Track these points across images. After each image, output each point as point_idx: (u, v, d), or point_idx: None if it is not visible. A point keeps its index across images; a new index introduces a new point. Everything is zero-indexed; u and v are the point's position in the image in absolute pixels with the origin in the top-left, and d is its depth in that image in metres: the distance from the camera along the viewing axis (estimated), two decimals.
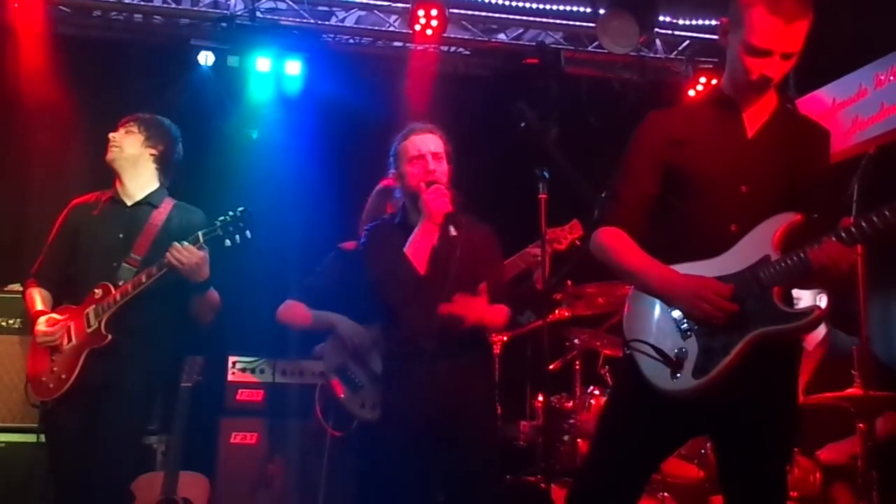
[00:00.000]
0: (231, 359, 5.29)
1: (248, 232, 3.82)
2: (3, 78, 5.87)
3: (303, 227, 6.02)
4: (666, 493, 4.54)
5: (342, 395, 4.28)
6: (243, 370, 5.27)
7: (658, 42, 6.96)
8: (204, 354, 4.70)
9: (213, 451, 5.08)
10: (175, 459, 4.51)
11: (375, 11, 6.63)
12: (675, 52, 6.96)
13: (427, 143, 3.84)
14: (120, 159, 4.09)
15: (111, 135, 4.11)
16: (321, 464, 4.47)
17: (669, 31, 6.87)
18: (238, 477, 5.05)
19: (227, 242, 3.83)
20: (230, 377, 5.26)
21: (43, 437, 4.01)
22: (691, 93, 6.76)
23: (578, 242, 4.36)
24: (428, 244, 3.71)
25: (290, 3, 6.44)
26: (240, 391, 5.23)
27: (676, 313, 2.77)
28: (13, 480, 4.81)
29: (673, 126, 2.97)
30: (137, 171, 4.10)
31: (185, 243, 3.81)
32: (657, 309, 2.81)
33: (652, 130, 2.98)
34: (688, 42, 6.91)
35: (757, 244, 2.75)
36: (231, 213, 3.84)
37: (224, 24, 6.20)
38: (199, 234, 3.84)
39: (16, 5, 5.91)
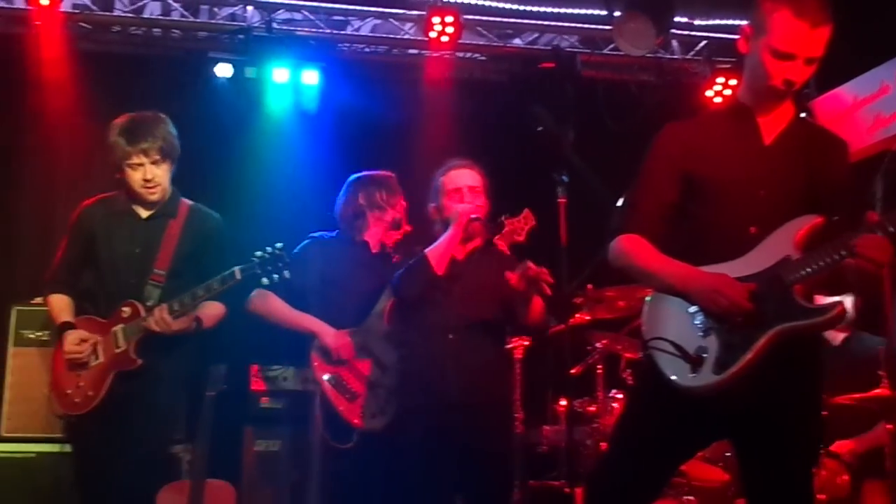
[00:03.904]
0: (254, 367, 5.32)
1: (286, 272, 3.82)
2: (26, 95, 5.94)
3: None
4: (691, 497, 4.53)
5: (341, 407, 4.28)
6: (266, 378, 5.30)
7: (674, 43, 6.95)
8: (227, 363, 4.73)
9: (238, 459, 5.11)
10: (200, 468, 4.52)
11: (391, 20, 6.66)
12: (692, 53, 6.95)
13: (464, 177, 4.10)
14: (163, 197, 4.02)
15: (151, 176, 3.92)
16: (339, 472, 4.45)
17: (686, 32, 6.86)
18: (263, 484, 5.08)
19: (265, 281, 3.83)
20: (253, 385, 5.29)
21: (69, 447, 4.06)
22: (709, 93, 6.75)
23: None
24: (450, 247, 3.86)
25: (306, 13, 6.48)
26: (263, 399, 5.26)
27: (696, 311, 2.78)
28: (42, 490, 4.86)
29: (689, 135, 3.00)
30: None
31: (166, 313, 3.78)
32: (676, 308, 2.82)
33: (669, 140, 3.01)
34: (705, 42, 6.90)
35: (778, 245, 2.77)
36: (269, 249, 3.81)
37: (241, 36, 6.25)
38: (236, 269, 3.80)
39: (38, 23, 5.98)
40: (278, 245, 3.84)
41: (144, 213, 4.05)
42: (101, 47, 6.37)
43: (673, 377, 2.75)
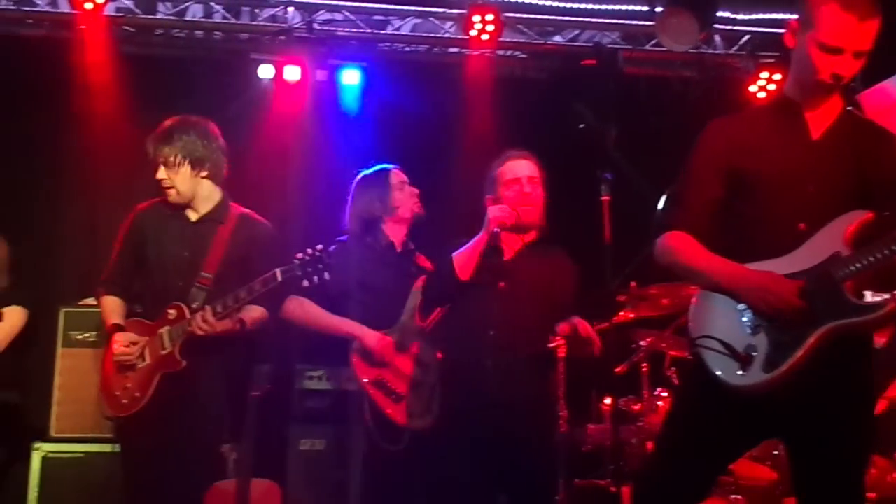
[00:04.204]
0: (298, 367, 5.34)
1: (326, 273, 3.83)
2: (71, 98, 6.02)
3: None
4: (738, 496, 4.49)
5: (388, 409, 4.27)
6: (310, 378, 5.32)
7: (717, 38, 6.87)
8: (271, 363, 4.75)
9: (283, 458, 5.13)
10: (247, 468, 4.56)
11: (431, 19, 6.66)
12: (735, 48, 6.87)
13: (522, 168, 4.07)
14: (181, 199, 4.06)
15: (159, 177, 4.02)
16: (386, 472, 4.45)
17: (729, 27, 6.79)
18: (308, 483, 5.09)
19: (305, 283, 3.84)
20: (298, 385, 5.31)
21: (118, 447, 4.10)
22: (752, 88, 6.67)
23: None
24: (475, 252, 3.84)
25: (347, 13, 6.51)
26: (307, 399, 5.28)
27: (744, 309, 2.75)
28: (91, 489, 4.94)
29: (735, 131, 2.97)
30: (197, 195, 4.09)
31: (210, 314, 3.82)
32: (724, 306, 2.79)
33: (714, 136, 2.98)
34: (748, 37, 6.81)
35: (827, 241, 2.73)
36: (310, 251, 3.83)
37: (282, 38, 6.29)
38: (277, 271, 3.82)
39: (82, 27, 6.05)
40: (318, 247, 3.85)
41: (194, 217, 4.10)
42: (143, 50, 6.43)
43: (721, 376, 2.72)
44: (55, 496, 5.00)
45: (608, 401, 4.92)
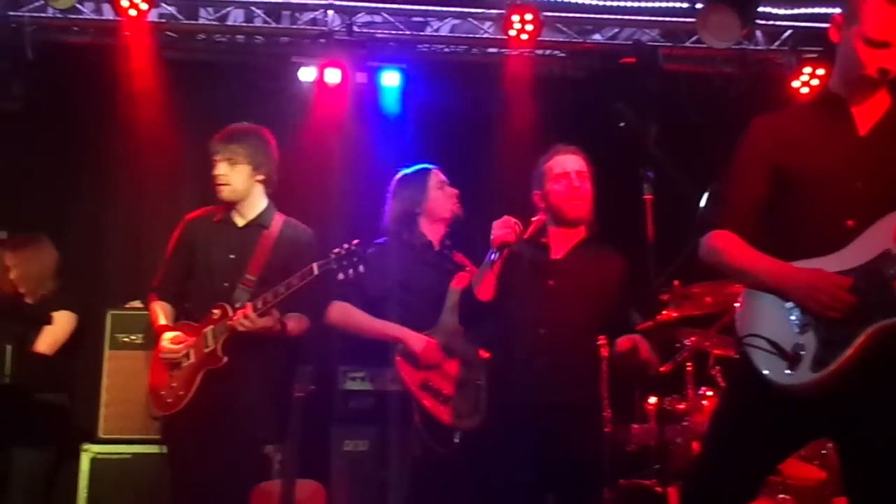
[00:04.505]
0: (341, 368, 5.36)
1: (361, 266, 3.92)
2: (116, 103, 6.09)
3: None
4: (786, 496, 4.44)
5: (436, 410, 4.26)
6: (353, 378, 5.33)
7: (758, 33, 6.79)
8: (314, 364, 4.79)
9: (327, 459, 5.16)
10: (291, 468, 4.60)
11: (470, 19, 6.65)
12: (776, 43, 6.78)
13: (570, 162, 4.03)
14: (233, 197, 4.19)
15: (217, 172, 4.17)
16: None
17: (770, 22, 6.71)
18: (351, 484, 5.11)
19: (341, 276, 3.93)
20: (340, 386, 5.33)
21: (165, 448, 4.16)
22: (795, 84, 6.57)
23: None
24: (490, 274, 3.83)
25: (386, 15, 6.52)
26: (350, 399, 5.29)
27: (792, 307, 2.72)
28: (138, 490, 5.00)
29: (780, 128, 2.94)
30: (248, 200, 4.22)
31: (250, 310, 3.92)
32: (772, 304, 2.77)
33: (759, 133, 2.96)
34: (790, 32, 6.73)
35: (876, 239, 2.70)
36: (346, 246, 3.94)
37: (322, 41, 6.32)
38: (314, 266, 3.94)
39: (127, 33, 6.13)
40: (354, 241, 3.95)
41: (241, 223, 4.25)
42: (185, 55, 6.48)
43: (769, 375, 2.70)
44: (104, 497, 5.08)
45: (653, 400, 4.89)
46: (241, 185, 4.19)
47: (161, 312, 4.23)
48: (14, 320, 4.85)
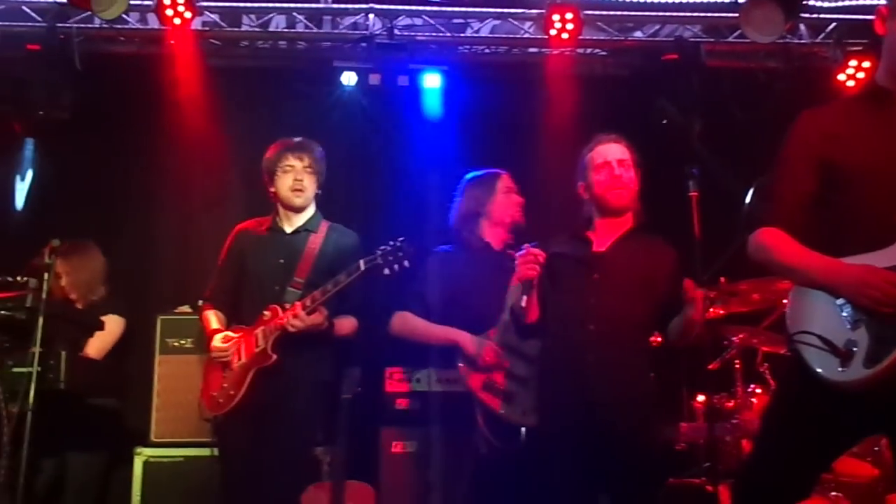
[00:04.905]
0: (387, 369, 5.39)
1: (406, 262, 3.97)
2: (163, 111, 6.18)
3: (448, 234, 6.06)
4: (838, 493, 4.39)
5: (500, 410, 4.24)
6: (400, 380, 5.36)
7: (802, 27, 6.72)
8: (360, 366, 4.82)
9: (376, 460, 5.19)
10: (340, 470, 4.63)
11: (510, 20, 6.65)
12: (821, 36, 6.70)
13: (612, 151, 3.95)
14: (305, 203, 4.36)
15: (299, 178, 4.30)
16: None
17: (814, 15, 6.63)
18: (400, 485, 5.13)
19: (386, 272, 3.98)
20: (388, 387, 5.36)
21: (216, 451, 4.22)
22: (841, 77, 6.50)
23: None
24: (530, 300, 3.77)
25: (427, 18, 6.55)
26: (398, 401, 5.31)
27: (844, 304, 2.69)
28: (191, 492, 5.07)
29: (827, 122, 2.90)
30: (307, 205, 4.34)
31: (300, 309, 4.01)
32: (823, 301, 2.74)
33: (805, 128, 2.92)
34: (834, 24, 6.64)
35: None
36: (392, 242, 4.00)
37: (364, 44, 6.35)
38: (360, 262, 4.01)
39: (172, 42, 6.22)
40: (400, 238, 4.00)
41: (289, 229, 4.36)
42: (228, 62, 6.56)
43: (821, 372, 2.67)
44: (156, 499, 5.15)
45: (701, 398, 4.86)
46: (311, 193, 4.36)
47: (214, 318, 4.33)
48: (67, 326, 4.92)
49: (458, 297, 4.50)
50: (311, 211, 4.41)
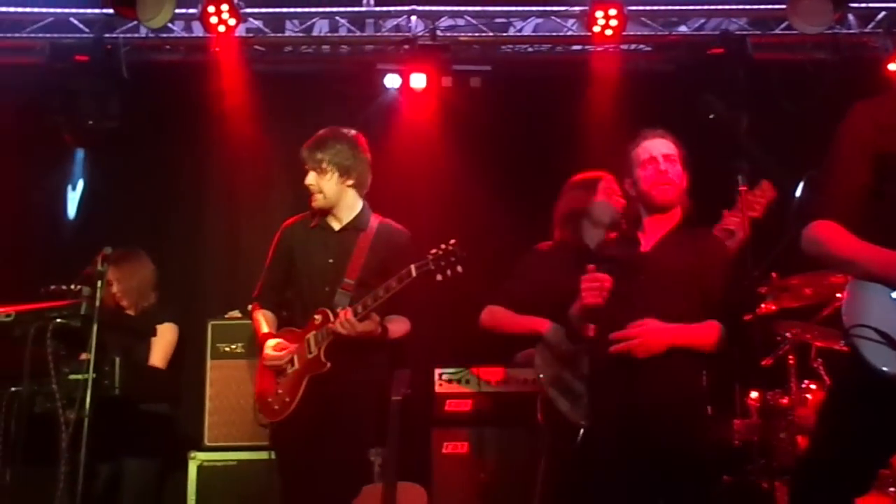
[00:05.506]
0: (437, 370, 5.40)
1: (459, 267, 3.88)
2: (209, 117, 6.25)
3: (496, 235, 6.05)
4: None
5: (563, 408, 4.23)
6: (449, 381, 5.36)
7: (850, 17, 6.61)
8: (410, 367, 4.82)
9: (427, 461, 5.20)
10: (392, 471, 4.64)
11: (553, 17, 6.63)
12: (870, 26, 6.59)
13: (658, 146, 3.86)
14: (325, 204, 4.24)
15: (308, 182, 4.22)
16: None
17: (863, 4, 6.52)
18: (452, 486, 5.14)
19: (439, 277, 3.90)
20: (437, 388, 5.36)
21: (273, 454, 4.24)
22: (892, 67, 6.38)
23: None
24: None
25: (469, 18, 6.55)
26: (448, 402, 5.32)
27: None
28: (245, 496, 5.12)
29: (880, 113, 2.86)
30: (341, 204, 4.26)
31: (351, 315, 3.94)
32: (879, 294, 2.70)
33: (859, 120, 2.88)
34: (884, 13, 6.53)
35: None
36: (443, 246, 3.91)
37: (407, 47, 6.37)
38: (412, 267, 3.93)
39: (216, 49, 6.28)
40: (451, 241, 3.91)
41: (337, 226, 4.28)
42: (273, 68, 6.63)
43: (878, 365, 2.63)
44: (211, 502, 5.20)
45: (755, 395, 4.80)
46: (331, 191, 4.22)
47: (263, 321, 4.30)
48: (120, 333, 4.98)
49: (550, 296, 4.45)
50: (357, 207, 4.28)
